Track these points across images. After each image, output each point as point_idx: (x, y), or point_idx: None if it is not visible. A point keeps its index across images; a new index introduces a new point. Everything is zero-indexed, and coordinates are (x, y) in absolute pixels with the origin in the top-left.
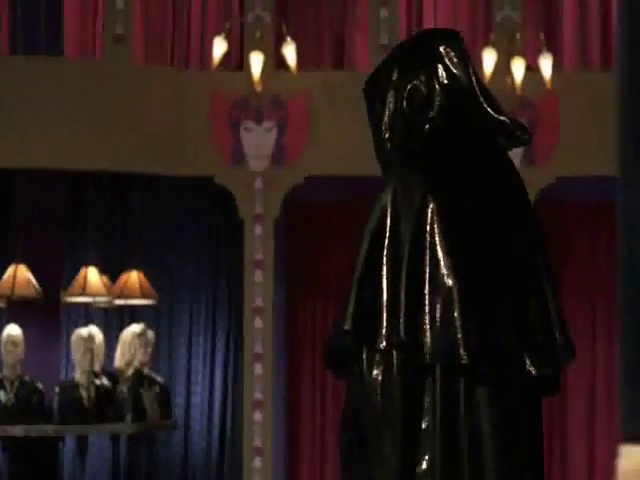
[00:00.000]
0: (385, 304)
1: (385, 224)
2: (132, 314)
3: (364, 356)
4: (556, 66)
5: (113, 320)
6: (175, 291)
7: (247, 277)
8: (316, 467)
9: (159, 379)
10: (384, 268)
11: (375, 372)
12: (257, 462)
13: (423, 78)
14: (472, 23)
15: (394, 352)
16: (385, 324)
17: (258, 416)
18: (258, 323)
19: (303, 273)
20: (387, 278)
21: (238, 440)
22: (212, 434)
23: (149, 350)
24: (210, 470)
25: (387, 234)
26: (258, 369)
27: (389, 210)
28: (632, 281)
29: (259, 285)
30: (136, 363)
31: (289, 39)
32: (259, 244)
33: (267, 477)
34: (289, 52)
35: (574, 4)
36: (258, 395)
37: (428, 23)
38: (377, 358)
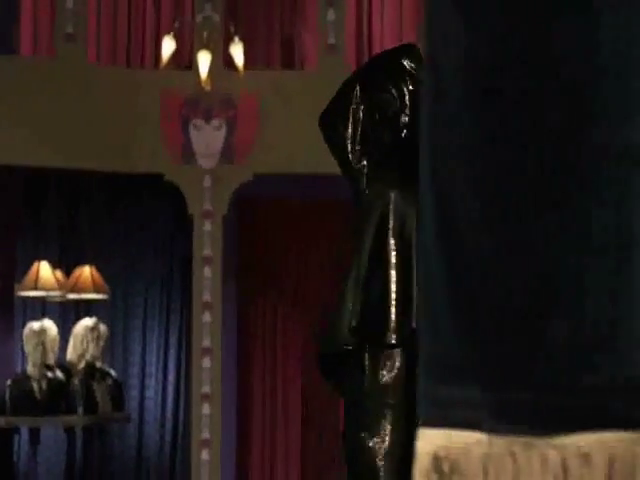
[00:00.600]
0: (394, 301)
1: (388, 225)
2: (88, 308)
3: (367, 354)
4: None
5: (69, 314)
6: (130, 286)
7: (196, 273)
8: (265, 460)
9: (112, 372)
10: (392, 266)
11: (382, 371)
12: (205, 455)
13: (393, 90)
14: (418, 24)
15: (399, 349)
16: (394, 319)
17: (206, 409)
18: (206, 318)
19: (253, 269)
20: (397, 276)
21: (189, 433)
22: (165, 427)
23: (101, 344)
24: (163, 462)
25: (391, 234)
26: (206, 363)
27: (392, 211)
28: (424, 278)
29: (208, 280)
30: (88, 357)
31: (237, 39)
32: (208, 240)
33: (215, 470)
34: (237, 52)
35: None
36: (206, 388)
37: (375, 24)
38: (382, 355)
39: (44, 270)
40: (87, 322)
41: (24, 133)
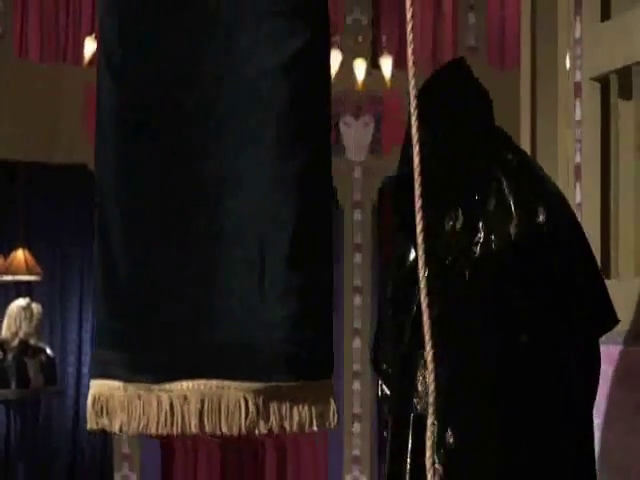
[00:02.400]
0: None
1: None
2: (28, 289)
3: None
4: (405, 65)
5: (10, 295)
6: (67, 268)
7: None
8: None
9: (46, 349)
10: None
11: None
12: None
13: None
14: None
15: None
16: None
17: None
18: None
19: None
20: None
21: None
22: None
23: (34, 322)
24: (97, 433)
25: None
26: None
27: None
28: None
29: None
30: (21, 334)
31: None
32: None
33: (136, 440)
34: None
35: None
36: None
37: None
38: None
39: None
40: (20, 302)
41: None
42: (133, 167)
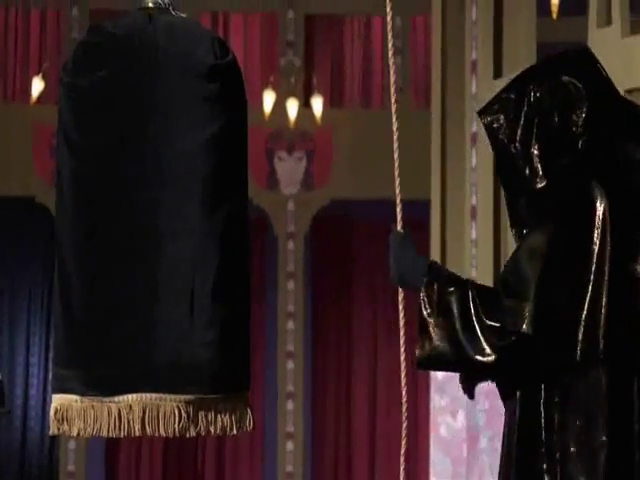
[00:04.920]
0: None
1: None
2: None
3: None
4: (335, 104)
5: None
6: (15, 296)
7: None
8: (132, 446)
9: None
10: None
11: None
12: (72, 444)
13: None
14: (261, 65)
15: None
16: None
17: None
18: None
19: None
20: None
21: None
22: (45, 421)
23: None
24: (43, 452)
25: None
26: None
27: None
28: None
29: None
30: None
31: None
32: None
33: (81, 457)
34: None
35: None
36: None
37: None
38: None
39: None
40: None
41: None
42: (86, 221)
